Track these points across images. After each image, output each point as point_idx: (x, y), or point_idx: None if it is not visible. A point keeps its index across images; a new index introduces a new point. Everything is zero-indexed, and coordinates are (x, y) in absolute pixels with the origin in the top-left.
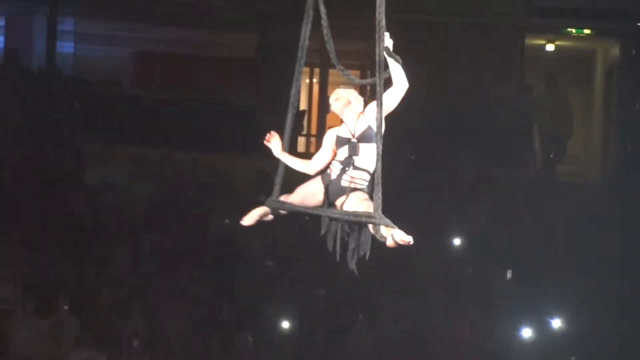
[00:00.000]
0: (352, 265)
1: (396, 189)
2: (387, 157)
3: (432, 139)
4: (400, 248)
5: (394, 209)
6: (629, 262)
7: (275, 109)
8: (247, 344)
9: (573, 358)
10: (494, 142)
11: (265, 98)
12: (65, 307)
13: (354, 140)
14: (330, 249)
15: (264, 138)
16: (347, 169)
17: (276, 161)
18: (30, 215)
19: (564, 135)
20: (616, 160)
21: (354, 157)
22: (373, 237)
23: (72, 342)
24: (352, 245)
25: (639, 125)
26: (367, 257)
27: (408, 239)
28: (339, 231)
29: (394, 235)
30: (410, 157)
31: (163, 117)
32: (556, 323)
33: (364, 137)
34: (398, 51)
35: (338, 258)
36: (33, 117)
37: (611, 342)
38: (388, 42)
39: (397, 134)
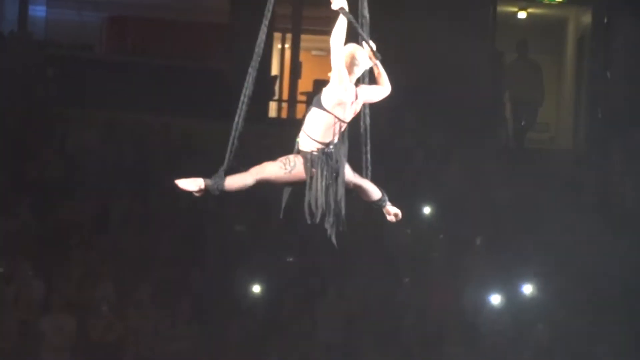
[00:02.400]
0: (333, 238)
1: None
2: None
3: (403, 105)
4: (371, 214)
5: (365, 175)
6: (599, 229)
7: (246, 74)
8: (217, 309)
9: (540, 325)
10: (465, 108)
11: (238, 63)
12: (30, 273)
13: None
14: (309, 220)
15: (236, 103)
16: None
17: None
18: (1, 180)
19: (535, 103)
20: (587, 128)
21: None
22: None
23: (41, 307)
24: (331, 219)
25: (609, 93)
26: (344, 228)
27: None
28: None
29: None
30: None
31: (136, 81)
32: (526, 289)
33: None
34: (371, 20)
35: (312, 220)
36: (3, 81)
37: (580, 310)
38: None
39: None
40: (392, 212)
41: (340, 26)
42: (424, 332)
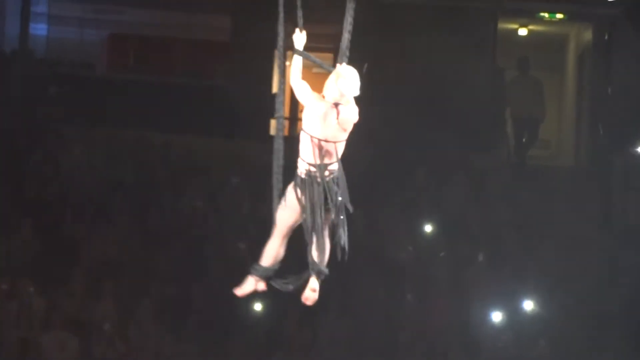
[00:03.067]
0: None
1: (369, 172)
2: (361, 139)
3: (405, 121)
4: (374, 230)
5: (367, 191)
6: (601, 245)
7: (249, 92)
8: (219, 326)
9: (542, 341)
10: (467, 125)
11: (239, 81)
12: (31, 290)
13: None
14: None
15: (237, 120)
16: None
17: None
18: (2, 198)
19: (536, 120)
20: (588, 144)
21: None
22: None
23: (42, 325)
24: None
25: (611, 109)
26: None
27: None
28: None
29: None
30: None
31: (137, 99)
32: (527, 306)
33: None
34: (371, 32)
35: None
36: (5, 99)
37: (582, 326)
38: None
39: (370, 117)
40: (311, 286)
41: (295, 63)
42: (425, 349)
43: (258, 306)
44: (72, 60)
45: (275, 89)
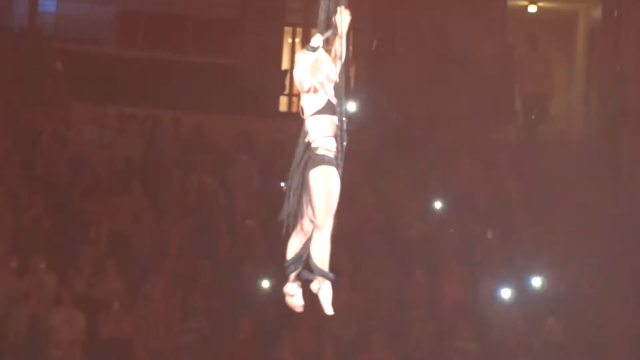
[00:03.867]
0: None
1: (379, 149)
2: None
3: (414, 98)
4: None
5: (378, 168)
6: (610, 221)
7: (258, 69)
8: (228, 303)
9: (551, 318)
10: (476, 102)
11: (249, 58)
12: (42, 266)
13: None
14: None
15: (246, 97)
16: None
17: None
18: (12, 174)
19: (545, 97)
20: (597, 121)
21: None
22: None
23: (52, 302)
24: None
25: (620, 86)
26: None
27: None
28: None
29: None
30: (392, 116)
31: (146, 76)
32: (536, 282)
33: None
34: (381, 9)
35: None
36: (14, 76)
37: (590, 302)
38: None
39: (380, 95)
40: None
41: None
42: (435, 326)
43: (266, 283)
44: (81, 37)
45: (285, 66)
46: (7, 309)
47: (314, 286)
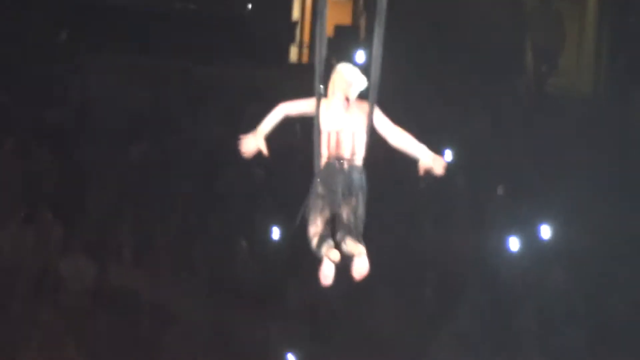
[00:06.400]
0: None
1: (387, 103)
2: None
3: (424, 52)
4: (392, 160)
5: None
6: (618, 174)
7: (268, 19)
8: (239, 250)
9: (558, 268)
10: (486, 55)
11: (259, 8)
12: (51, 216)
13: None
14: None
15: (256, 48)
16: None
17: None
18: (22, 125)
19: (556, 49)
20: (607, 74)
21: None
22: None
23: (60, 251)
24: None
25: (632, 39)
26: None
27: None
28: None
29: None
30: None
31: (155, 27)
32: (545, 234)
33: None
34: None
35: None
36: (23, 27)
37: (597, 254)
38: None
39: (389, 47)
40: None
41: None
42: (444, 278)
43: (275, 232)
44: None
45: (295, 16)
46: (16, 259)
47: (357, 248)
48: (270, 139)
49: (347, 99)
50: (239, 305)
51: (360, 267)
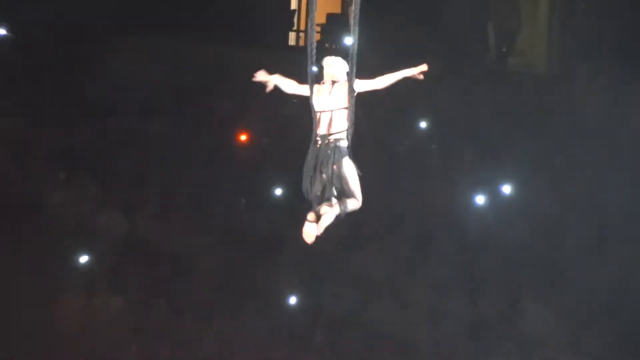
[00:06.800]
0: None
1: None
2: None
3: (399, 33)
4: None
5: (367, 92)
6: (567, 138)
7: (268, 7)
8: (248, 207)
9: (519, 222)
10: (457, 37)
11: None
12: (88, 178)
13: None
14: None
15: (266, 30)
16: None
17: None
18: (64, 99)
19: (513, 31)
20: (558, 52)
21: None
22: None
23: (95, 209)
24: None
25: (579, 19)
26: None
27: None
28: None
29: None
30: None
31: (172, 7)
32: (507, 190)
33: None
34: None
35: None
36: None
37: (557, 207)
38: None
39: (370, 33)
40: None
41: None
42: (420, 231)
43: (279, 191)
44: None
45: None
46: (56, 215)
47: (325, 209)
48: (276, 110)
49: (333, 83)
50: (248, 253)
51: (321, 223)
